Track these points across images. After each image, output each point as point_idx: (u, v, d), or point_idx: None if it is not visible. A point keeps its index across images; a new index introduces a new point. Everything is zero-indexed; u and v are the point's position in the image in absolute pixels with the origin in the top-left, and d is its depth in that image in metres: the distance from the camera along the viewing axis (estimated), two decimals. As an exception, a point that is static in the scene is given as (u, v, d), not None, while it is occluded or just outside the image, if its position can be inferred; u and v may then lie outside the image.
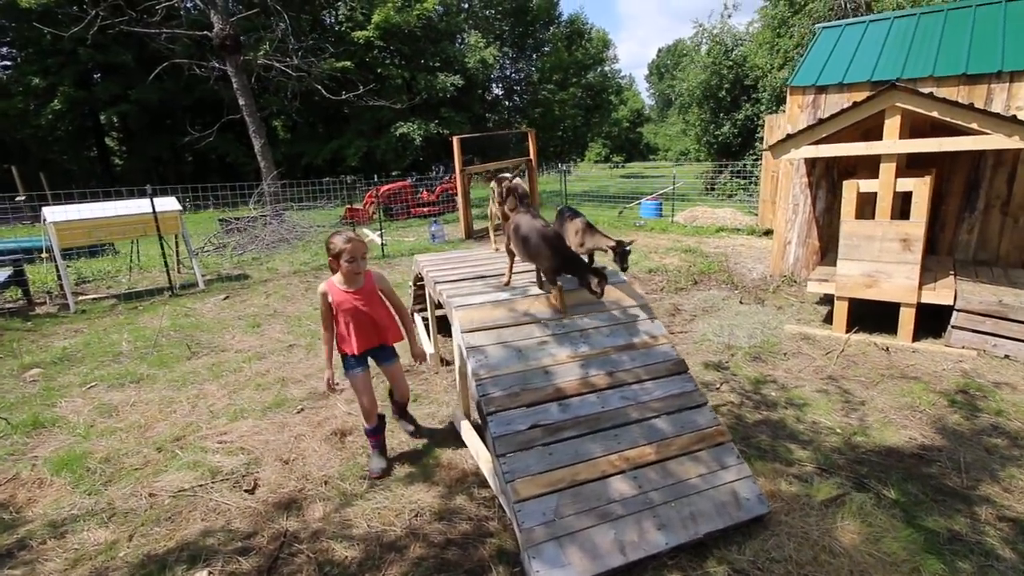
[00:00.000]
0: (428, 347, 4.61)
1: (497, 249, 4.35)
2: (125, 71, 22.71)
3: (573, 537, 2.22)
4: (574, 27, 34.77)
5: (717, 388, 4.02)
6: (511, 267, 3.49)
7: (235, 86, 11.52)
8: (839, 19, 12.88)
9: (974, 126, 3.92)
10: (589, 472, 2.43)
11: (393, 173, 23.71)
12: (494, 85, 31.78)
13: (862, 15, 12.75)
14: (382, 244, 9.96)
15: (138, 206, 6.91)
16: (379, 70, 23.78)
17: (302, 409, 3.91)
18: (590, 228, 3.51)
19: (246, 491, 2.94)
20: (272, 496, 2.90)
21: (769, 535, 2.43)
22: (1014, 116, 3.82)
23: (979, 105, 4.65)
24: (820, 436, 3.31)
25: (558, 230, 3.39)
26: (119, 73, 23.06)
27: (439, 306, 4.46)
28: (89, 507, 2.81)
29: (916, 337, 4.66)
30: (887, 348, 4.62)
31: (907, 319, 4.64)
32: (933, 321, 4.81)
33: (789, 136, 5.01)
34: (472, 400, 2.75)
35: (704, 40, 17.87)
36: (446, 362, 4.61)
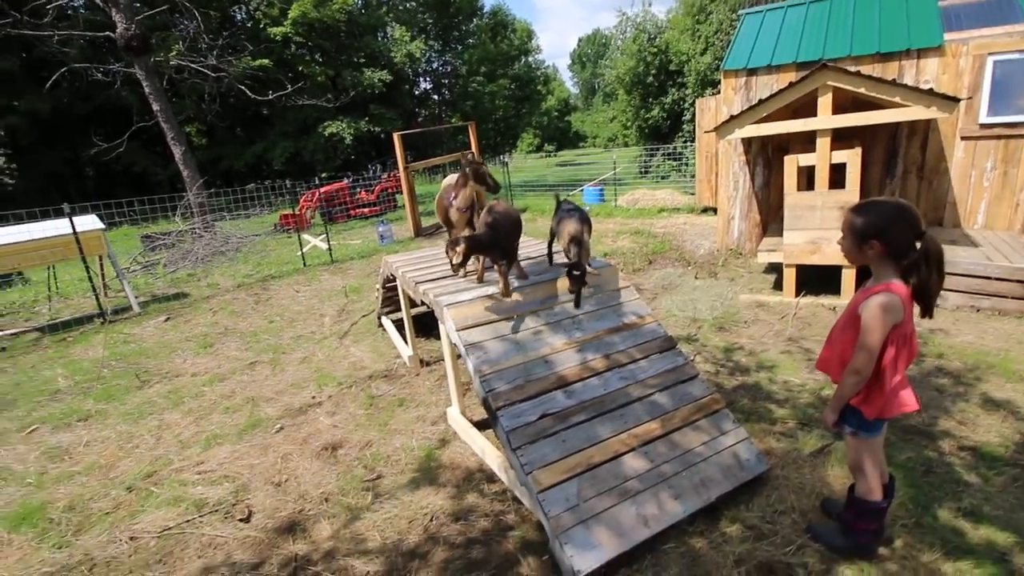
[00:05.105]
0: (406, 350, 4.51)
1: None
2: (8, 79, 20.21)
3: (598, 518, 2.26)
4: (497, 19, 34.78)
5: (692, 360, 4.21)
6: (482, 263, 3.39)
7: (147, 90, 10.56)
8: (752, 5, 13.70)
9: (897, 99, 4.32)
10: (603, 454, 2.49)
11: (323, 175, 22.81)
12: (422, 79, 31.26)
13: (772, 1, 13.63)
14: (329, 249, 9.57)
15: (55, 227, 6.20)
16: (300, 67, 22.70)
17: (281, 428, 3.71)
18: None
19: (241, 520, 2.76)
20: (271, 522, 2.74)
21: (771, 490, 2.60)
22: (931, 89, 4.25)
23: (892, 78, 5.12)
24: (793, 394, 3.55)
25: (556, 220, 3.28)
26: (1, 82, 20.51)
27: (413, 306, 4.38)
28: (63, 562, 2.54)
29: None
30: (834, 308, 5.02)
31: (848, 280, 5.06)
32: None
33: (732, 117, 5.28)
34: (477, 396, 2.72)
35: (628, 28, 18.43)
36: (425, 363, 4.53)
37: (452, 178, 3.77)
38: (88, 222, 6.64)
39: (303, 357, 4.99)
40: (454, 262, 2.77)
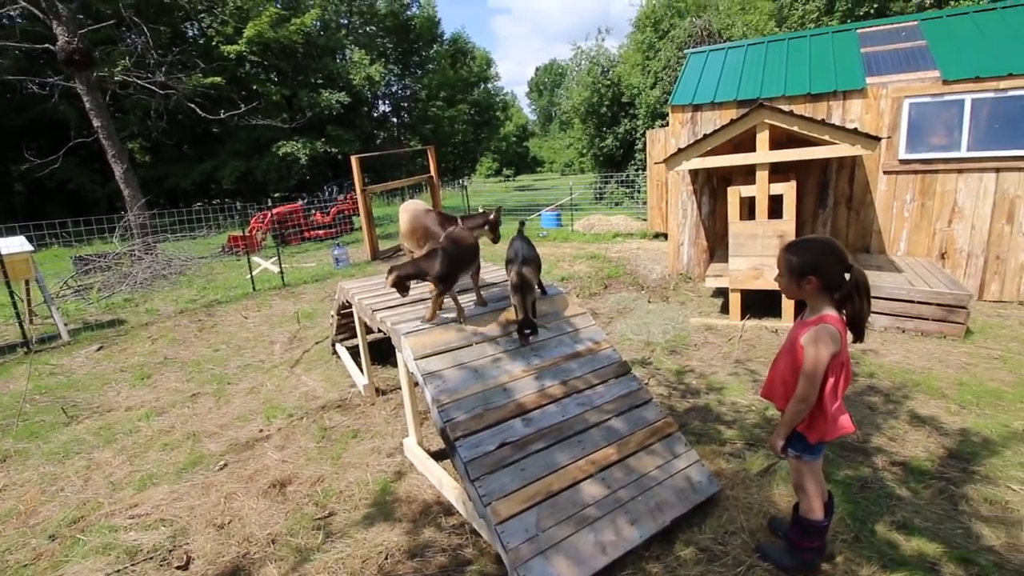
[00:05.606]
0: (361, 379, 4.40)
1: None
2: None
3: (557, 548, 2.26)
4: (457, 46, 35.46)
5: (647, 384, 4.32)
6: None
7: (87, 105, 10.04)
8: (696, 45, 14.60)
9: (826, 137, 4.69)
10: (561, 481, 2.49)
11: (275, 195, 22.17)
12: (381, 102, 31.24)
13: (715, 42, 14.59)
14: (280, 272, 9.28)
15: (-25, 250, 5.75)
16: (255, 86, 22.21)
17: (225, 464, 3.52)
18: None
19: (178, 568, 2.58)
20: (212, 568, 2.58)
21: (722, 511, 2.68)
22: (856, 128, 4.64)
23: (821, 118, 5.56)
24: (741, 415, 3.70)
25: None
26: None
27: (369, 332, 4.30)
28: (-31, 625, 2.29)
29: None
30: (776, 330, 5.29)
31: (788, 304, 5.36)
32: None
33: (680, 150, 5.56)
34: (435, 426, 2.68)
35: (583, 61, 19.18)
36: (381, 392, 4.43)
37: (415, 203, 3.79)
38: (15, 244, 6.18)
39: (250, 387, 4.77)
40: (387, 288, 2.91)
